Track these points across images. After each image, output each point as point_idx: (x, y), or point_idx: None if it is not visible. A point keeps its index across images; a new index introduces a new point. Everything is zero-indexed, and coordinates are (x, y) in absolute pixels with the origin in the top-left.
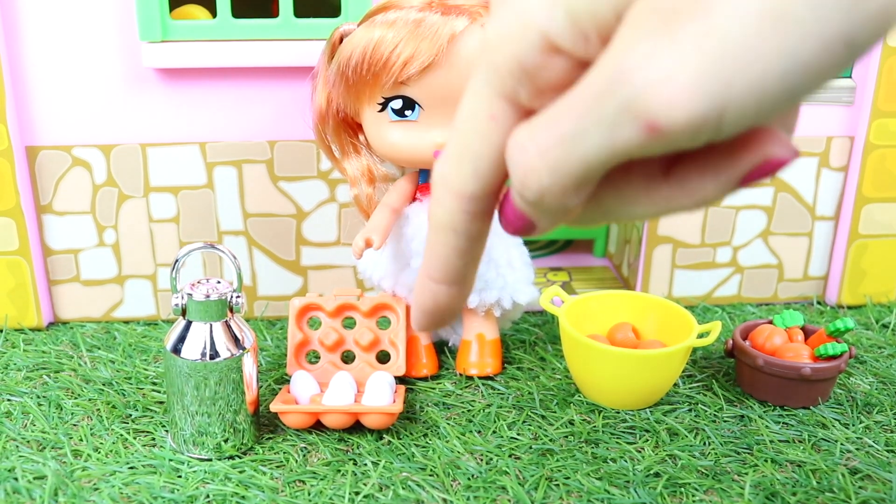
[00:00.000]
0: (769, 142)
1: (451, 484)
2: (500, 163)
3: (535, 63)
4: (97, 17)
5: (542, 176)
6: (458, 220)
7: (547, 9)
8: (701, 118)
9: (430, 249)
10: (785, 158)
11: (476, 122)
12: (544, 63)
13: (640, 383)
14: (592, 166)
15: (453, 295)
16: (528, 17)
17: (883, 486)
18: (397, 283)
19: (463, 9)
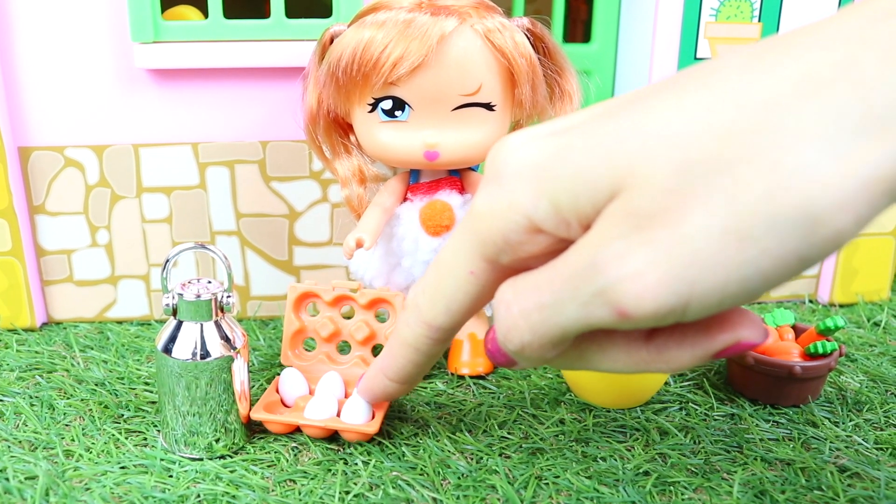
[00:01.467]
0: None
1: (441, 483)
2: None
3: (518, 239)
4: (89, 17)
5: (524, 333)
6: (422, 342)
7: (533, 198)
8: (665, 310)
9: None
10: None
11: (455, 271)
12: (527, 239)
13: (631, 382)
14: (568, 332)
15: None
16: (515, 201)
17: (871, 484)
18: (389, 282)
19: (452, 9)
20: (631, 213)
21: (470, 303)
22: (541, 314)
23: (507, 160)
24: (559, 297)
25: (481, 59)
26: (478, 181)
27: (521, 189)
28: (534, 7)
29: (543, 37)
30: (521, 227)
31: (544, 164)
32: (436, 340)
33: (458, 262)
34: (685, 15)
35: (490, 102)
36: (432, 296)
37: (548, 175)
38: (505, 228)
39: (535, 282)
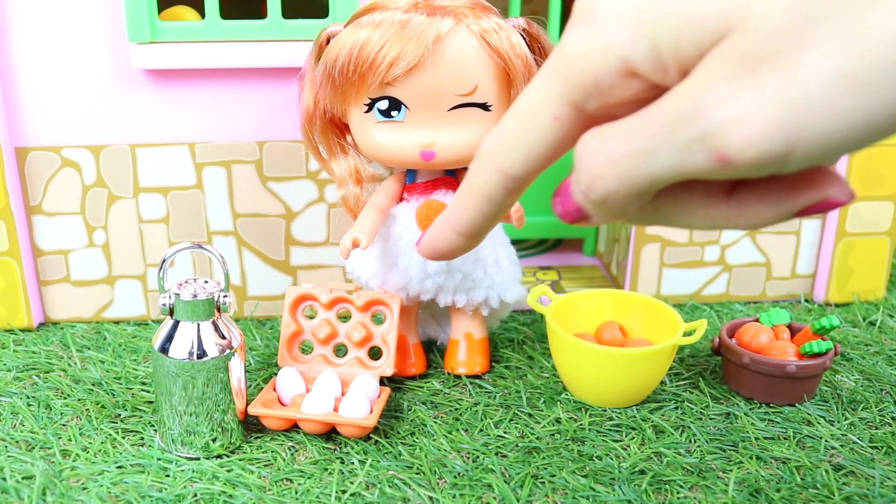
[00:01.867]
0: (830, 183)
1: (437, 482)
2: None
3: (610, 83)
4: (86, 18)
5: (609, 183)
6: (496, 192)
7: (632, 38)
8: (769, 157)
9: (461, 208)
10: (842, 200)
11: (538, 117)
12: (620, 84)
13: (627, 381)
14: (658, 181)
15: (468, 245)
16: (612, 42)
17: (866, 482)
18: (385, 282)
19: (448, 10)
20: (740, 56)
21: (551, 151)
22: (631, 161)
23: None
24: (654, 143)
25: (477, 59)
26: None
27: (618, 29)
28: (530, 7)
29: (539, 37)
30: (616, 69)
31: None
32: (511, 190)
33: (541, 107)
34: None
35: (486, 102)
36: (511, 143)
37: (649, 14)
38: (598, 71)
39: (627, 128)
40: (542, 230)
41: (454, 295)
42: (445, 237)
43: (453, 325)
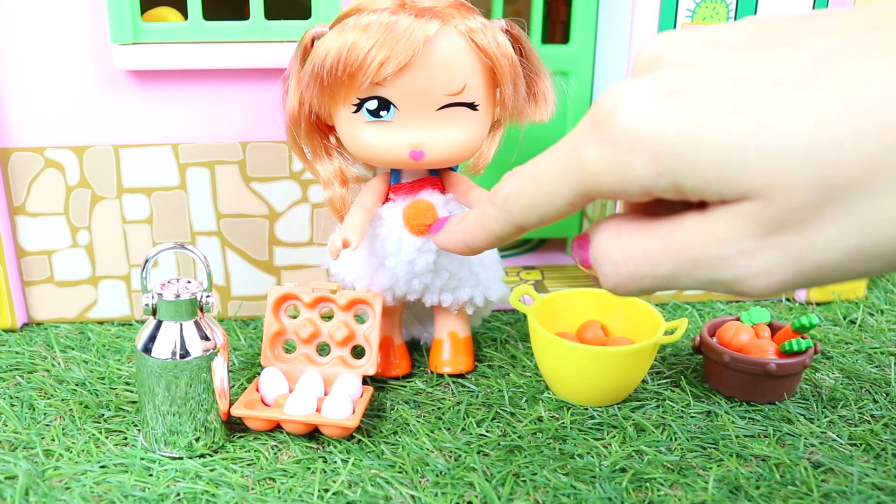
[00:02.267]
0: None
1: (419, 480)
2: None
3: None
4: (68, 19)
5: (632, 290)
6: (508, 235)
7: (653, 174)
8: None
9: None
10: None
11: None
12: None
13: (608, 380)
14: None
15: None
16: (633, 172)
17: (844, 479)
18: (371, 283)
19: (435, 11)
20: (766, 220)
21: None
22: (654, 281)
23: (626, 123)
24: (677, 274)
25: (465, 59)
26: (458, 181)
27: (640, 162)
28: (513, 8)
29: (520, 38)
30: (634, 192)
31: (669, 143)
32: (522, 233)
33: (558, 193)
34: (661, 16)
35: (474, 102)
36: (526, 208)
37: (673, 157)
38: (616, 189)
39: (648, 252)
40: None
41: (440, 294)
42: (457, 247)
43: (437, 325)
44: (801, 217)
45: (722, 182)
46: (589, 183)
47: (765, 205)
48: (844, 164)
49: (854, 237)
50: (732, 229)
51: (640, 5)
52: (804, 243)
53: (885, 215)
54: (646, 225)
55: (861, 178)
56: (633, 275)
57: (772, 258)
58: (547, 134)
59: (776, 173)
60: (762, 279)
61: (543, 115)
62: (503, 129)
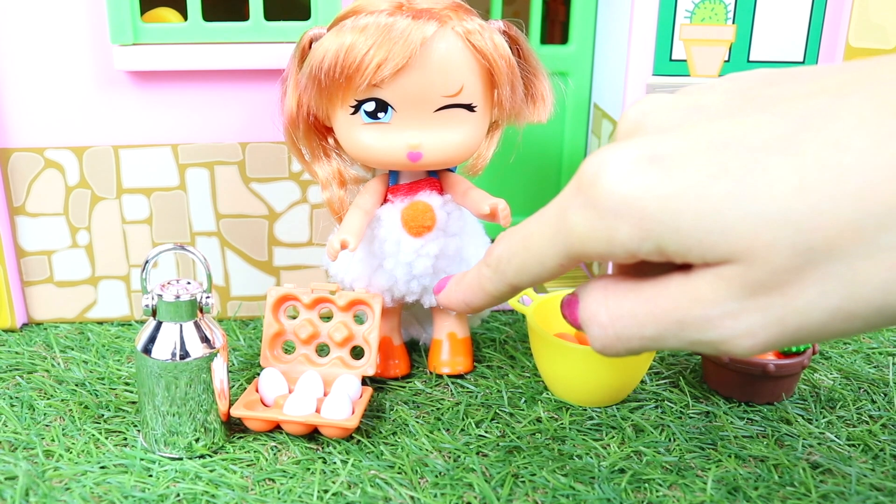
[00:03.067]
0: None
1: (418, 481)
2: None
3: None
4: (68, 20)
5: (619, 351)
6: (503, 294)
7: (637, 239)
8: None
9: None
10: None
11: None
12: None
13: (607, 381)
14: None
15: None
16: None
17: (843, 480)
18: (370, 284)
19: (433, 13)
20: (747, 283)
21: (555, 276)
22: (641, 342)
23: (609, 190)
24: (663, 335)
25: (463, 60)
26: (456, 182)
27: (624, 228)
28: (512, 8)
29: (518, 39)
30: (620, 256)
31: (652, 209)
32: (518, 292)
33: (547, 254)
34: (660, 17)
35: (471, 103)
36: (518, 269)
37: (657, 223)
38: (603, 253)
39: (635, 314)
40: None
41: None
42: (459, 306)
43: (436, 325)
44: (782, 280)
45: (704, 246)
46: (576, 246)
47: (746, 268)
48: (822, 228)
49: (834, 299)
50: (716, 292)
51: (638, 6)
52: (786, 305)
53: (862, 277)
54: (632, 287)
55: (838, 242)
56: (620, 336)
57: (755, 320)
58: (545, 134)
59: (756, 238)
60: (746, 340)
61: (542, 115)
62: (501, 129)
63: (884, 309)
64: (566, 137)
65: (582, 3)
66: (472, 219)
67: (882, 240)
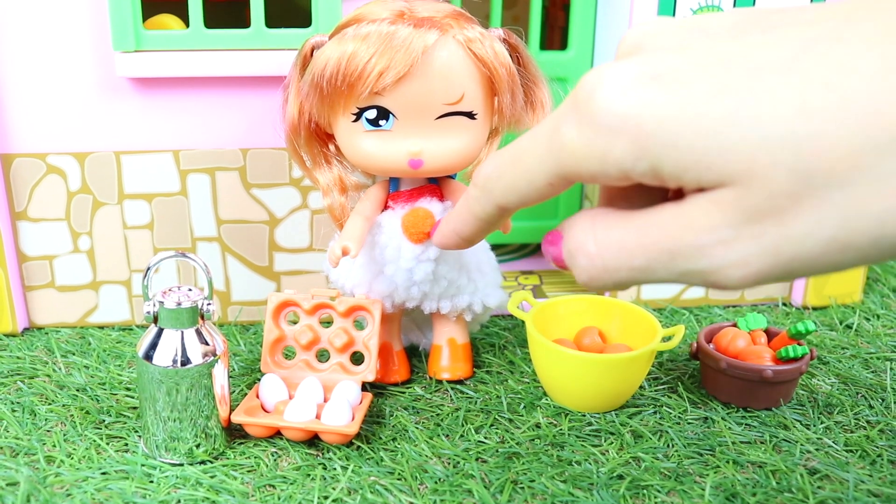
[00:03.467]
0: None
1: (418, 487)
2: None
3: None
4: (71, 27)
5: (606, 283)
6: (492, 217)
7: (632, 157)
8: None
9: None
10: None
11: (534, 179)
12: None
13: (606, 386)
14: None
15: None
16: (612, 154)
17: (840, 486)
18: (370, 290)
19: (434, 21)
20: (743, 208)
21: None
22: (629, 273)
23: (606, 105)
24: (653, 265)
25: (463, 68)
26: (456, 189)
27: (620, 145)
28: (512, 14)
29: (517, 47)
30: (613, 175)
31: (650, 126)
32: (500, 215)
33: (537, 172)
34: None
35: (472, 111)
36: (506, 187)
37: (654, 140)
38: (595, 172)
39: (623, 243)
40: (524, 235)
41: (439, 301)
42: (451, 239)
43: (436, 331)
44: (778, 205)
45: (701, 166)
46: (569, 164)
47: (742, 192)
48: (822, 152)
49: (831, 228)
50: (709, 218)
51: (637, 12)
52: (781, 233)
53: (861, 206)
54: (621, 216)
55: (839, 168)
56: (608, 267)
57: (748, 248)
58: None
59: (755, 159)
60: (738, 269)
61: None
62: (501, 136)
63: (880, 240)
64: None
65: (581, 10)
66: None
67: (883, 167)
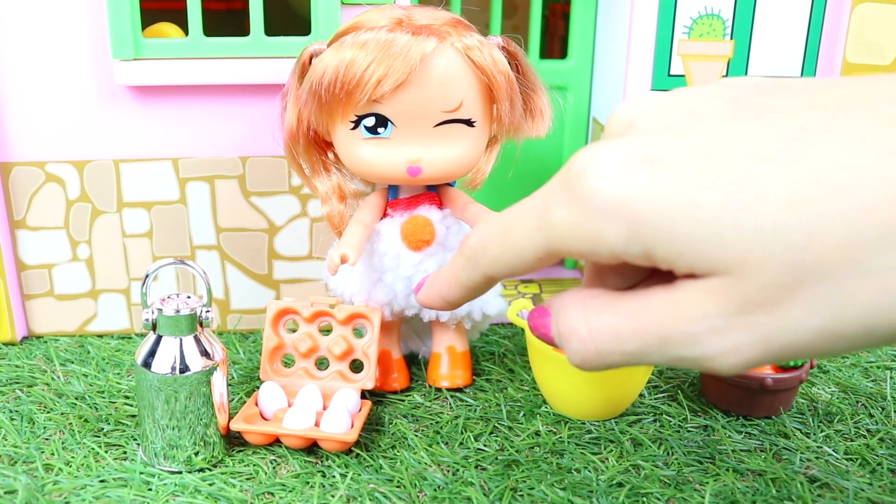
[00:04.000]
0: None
1: (417, 495)
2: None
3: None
4: (70, 35)
5: (598, 366)
6: (479, 285)
7: (625, 240)
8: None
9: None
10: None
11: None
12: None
13: (606, 394)
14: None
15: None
16: (604, 237)
17: (840, 494)
18: (369, 298)
19: (432, 29)
20: (734, 298)
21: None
22: (622, 357)
23: (598, 187)
24: (645, 349)
25: (462, 76)
26: (455, 197)
27: (612, 229)
28: (512, 23)
29: (516, 54)
30: (604, 256)
31: (643, 211)
32: (493, 283)
33: (526, 247)
34: (658, 32)
35: (470, 118)
36: (494, 259)
37: (647, 226)
38: (586, 252)
39: (616, 329)
40: None
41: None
42: (435, 301)
43: (435, 339)
44: (770, 296)
45: (695, 255)
46: (558, 242)
47: (734, 282)
48: (813, 246)
49: (822, 319)
50: (701, 307)
51: (637, 20)
52: (773, 323)
53: (851, 298)
54: (612, 300)
55: (829, 262)
56: (600, 351)
57: (740, 337)
58: (544, 149)
59: (747, 251)
60: (731, 357)
61: (540, 130)
62: (500, 144)
63: (870, 330)
64: (565, 152)
65: (581, 19)
66: None
67: (872, 262)
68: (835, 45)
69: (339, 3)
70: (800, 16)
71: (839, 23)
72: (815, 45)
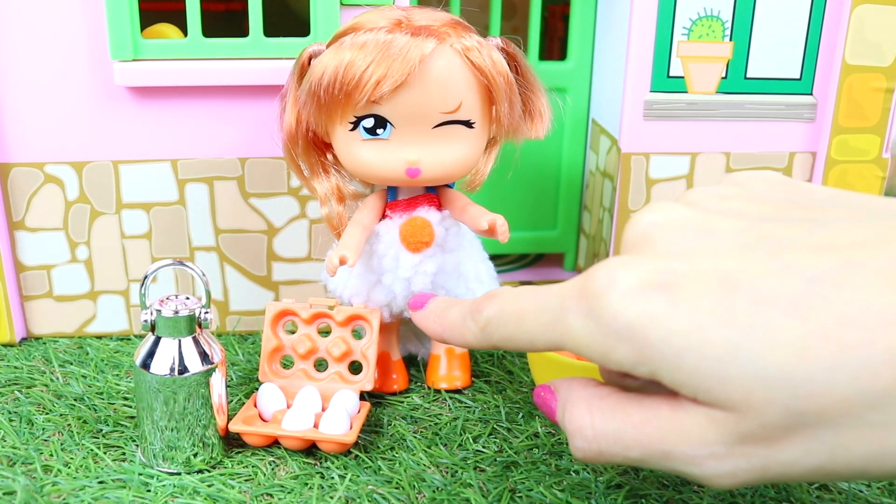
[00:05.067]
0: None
1: (416, 496)
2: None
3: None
4: (69, 36)
5: (599, 463)
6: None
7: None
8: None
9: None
10: None
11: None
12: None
13: None
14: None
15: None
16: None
17: (839, 496)
18: (368, 300)
19: (432, 30)
20: (736, 431)
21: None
22: (624, 461)
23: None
24: (647, 459)
25: (461, 77)
26: (454, 198)
27: (623, 349)
28: (511, 24)
29: (515, 56)
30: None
31: (655, 340)
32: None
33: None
34: (658, 34)
35: (470, 120)
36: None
37: (657, 354)
38: (596, 360)
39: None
40: (523, 245)
41: None
42: (433, 334)
43: (434, 341)
44: (770, 434)
45: (700, 388)
46: (569, 345)
47: (737, 418)
48: (816, 397)
49: (817, 459)
50: (704, 433)
51: (636, 22)
52: (770, 456)
53: (847, 445)
54: (618, 406)
55: (831, 413)
56: (604, 452)
57: (738, 463)
58: (543, 150)
59: (752, 393)
60: (726, 479)
61: (539, 131)
62: (499, 145)
63: (864, 472)
64: (564, 153)
65: (580, 20)
66: (470, 235)
67: (872, 417)
68: (834, 46)
69: (339, 3)
70: (799, 17)
71: (839, 24)
72: (815, 46)
